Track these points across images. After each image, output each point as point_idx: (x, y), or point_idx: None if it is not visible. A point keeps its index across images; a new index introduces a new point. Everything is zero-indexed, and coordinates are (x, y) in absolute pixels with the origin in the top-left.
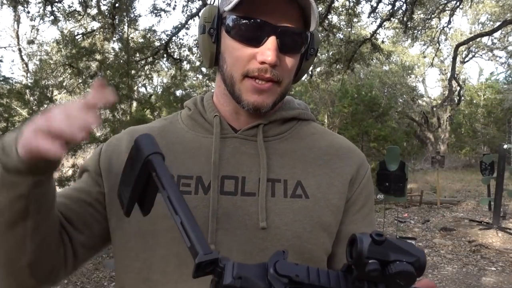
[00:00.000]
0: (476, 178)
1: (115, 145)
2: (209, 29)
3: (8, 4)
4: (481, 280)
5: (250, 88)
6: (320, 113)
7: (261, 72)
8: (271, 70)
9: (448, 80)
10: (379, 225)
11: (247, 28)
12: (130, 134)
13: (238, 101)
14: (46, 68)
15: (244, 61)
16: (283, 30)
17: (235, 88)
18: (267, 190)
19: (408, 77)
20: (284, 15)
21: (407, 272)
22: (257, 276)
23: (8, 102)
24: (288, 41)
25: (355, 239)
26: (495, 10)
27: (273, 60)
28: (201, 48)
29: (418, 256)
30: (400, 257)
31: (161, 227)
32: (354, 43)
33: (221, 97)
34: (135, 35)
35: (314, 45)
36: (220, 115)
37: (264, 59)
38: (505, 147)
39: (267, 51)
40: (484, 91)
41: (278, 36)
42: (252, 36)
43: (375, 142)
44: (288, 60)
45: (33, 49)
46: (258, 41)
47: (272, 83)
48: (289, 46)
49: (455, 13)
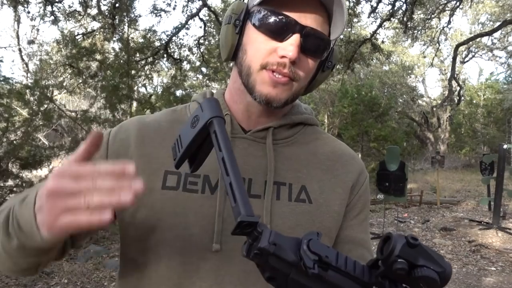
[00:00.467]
0: (476, 178)
1: (122, 139)
2: (235, 20)
3: (8, 4)
4: (481, 280)
5: (266, 79)
6: (320, 113)
7: (280, 66)
8: (289, 66)
9: (448, 80)
10: (379, 225)
11: (273, 22)
12: (138, 125)
13: (251, 92)
14: (46, 68)
15: (265, 53)
16: (308, 30)
17: (250, 78)
18: (272, 193)
19: (408, 77)
20: (311, 16)
21: (431, 278)
22: (291, 248)
23: (8, 102)
24: (311, 42)
25: (390, 237)
26: (495, 10)
27: (294, 55)
28: (223, 38)
29: (445, 268)
30: (428, 264)
31: (166, 224)
32: (354, 43)
33: (235, 93)
34: (135, 35)
35: (332, 59)
36: (230, 114)
37: (285, 53)
38: (505, 147)
39: (290, 46)
40: (484, 91)
41: (302, 35)
42: (277, 30)
43: (375, 142)
44: (307, 61)
45: (33, 49)
46: (282, 36)
47: (289, 78)
48: (311, 47)
49: (455, 13)
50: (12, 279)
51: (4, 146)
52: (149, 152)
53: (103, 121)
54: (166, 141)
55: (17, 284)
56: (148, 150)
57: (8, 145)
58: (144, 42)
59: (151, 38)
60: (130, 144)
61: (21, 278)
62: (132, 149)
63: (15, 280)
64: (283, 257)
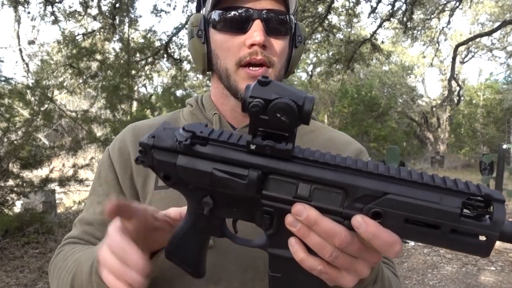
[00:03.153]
0: (475, 178)
1: (120, 148)
2: (197, 31)
3: (9, 4)
4: (481, 280)
5: (245, 75)
6: (320, 113)
7: (253, 55)
8: (261, 51)
9: (448, 80)
10: None
11: (231, 17)
12: (133, 131)
13: (235, 93)
14: (47, 68)
15: (235, 50)
16: (266, 13)
17: (230, 80)
18: None
19: (407, 77)
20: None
21: (287, 106)
22: (170, 137)
23: (10, 102)
24: (273, 23)
25: (248, 87)
26: (494, 11)
27: (261, 39)
28: (193, 52)
29: (300, 95)
30: (283, 96)
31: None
32: (354, 43)
33: (219, 97)
34: (136, 36)
35: (300, 33)
36: (219, 113)
37: (252, 41)
38: (504, 147)
39: (254, 32)
40: (484, 91)
41: (263, 19)
42: (238, 24)
43: (375, 142)
44: (276, 42)
45: (33, 49)
46: (244, 28)
47: (265, 67)
48: (275, 28)
49: (454, 13)
50: (13, 279)
51: (5, 146)
52: None
53: (103, 121)
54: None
55: (18, 284)
56: None
57: (8, 145)
58: (144, 42)
59: (151, 38)
60: (129, 151)
61: (22, 278)
62: (131, 155)
63: (15, 280)
64: (163, 146)
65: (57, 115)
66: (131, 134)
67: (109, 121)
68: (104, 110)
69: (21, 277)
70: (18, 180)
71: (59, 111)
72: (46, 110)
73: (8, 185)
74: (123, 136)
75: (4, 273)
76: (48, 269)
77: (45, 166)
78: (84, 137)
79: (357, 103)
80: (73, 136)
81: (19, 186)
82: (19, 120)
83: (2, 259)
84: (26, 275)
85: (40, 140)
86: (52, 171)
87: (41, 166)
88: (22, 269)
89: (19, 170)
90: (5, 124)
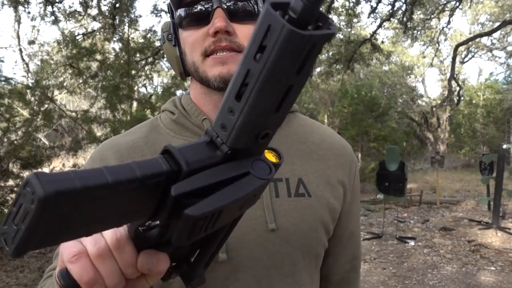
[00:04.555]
0: (475, 178)
1: (102, 161)
2: (167, 36)
3: (9, 4)
4: (481, 280)
5: (211, 63)
6: (320, 113)
7: (217, 43)
8: (225, 37)
9: (448, 80)
10: (379, 225)
11: (192, 12)
12: (113, 150)
13: (207, 83)
14: (47, 68)
15: (199, 42)
16: (227, 0)
17: (199, 71)
18: (270, 190)
19: (407, 77)
20: None
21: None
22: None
23: (10, 102)
24: (236, 8)
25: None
26: (494, 11)
27: (222, 24)
28: (168, 58)
29: None
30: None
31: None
32: (354, 43)
33: (200, 98)
34: (136, 36)
35: None
36: (207, 118)
37: (214, 28)
38: (504, 147)
39: (215, 20)
40: (484, 91)
41: (224, 7)
42: (199, 17)
43: (375, 142)
44: (244, 27)
45: (33, 49)
46: (207, 19)
47: (233, 52)
48: (239, 13)
49: (454, 13)
50: (13, 279)
51: (5, 146)
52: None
53: (103, 121)
54: (146, 156)
55: (18, 284)
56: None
57: (9, 145)
58: (145, 42)
59: (151, 38)
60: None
61: (22, 278)
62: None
63: (15, 280)
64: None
65: (57, 115)
66: (113, 152)
67: (109, 121)
68: (104, 110)
69: (21, 277)
70: (18, 180)
71: (59, 111)
72: (46, 110)
73: (8, 185)
74: (101, 155)
75: (4, 273)
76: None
77: (45, 166)
78: (84, 137)
79: (357, 103)
80: (73, 136)
81: (19, 186)
82: (19, 120)
83: (2, 259)
84: (26, 275)
85: (40, 140)
86: (52, 171)
87: (41, 166)
88: (22, 269)
89: (19, 170)
90: (5, 124)
